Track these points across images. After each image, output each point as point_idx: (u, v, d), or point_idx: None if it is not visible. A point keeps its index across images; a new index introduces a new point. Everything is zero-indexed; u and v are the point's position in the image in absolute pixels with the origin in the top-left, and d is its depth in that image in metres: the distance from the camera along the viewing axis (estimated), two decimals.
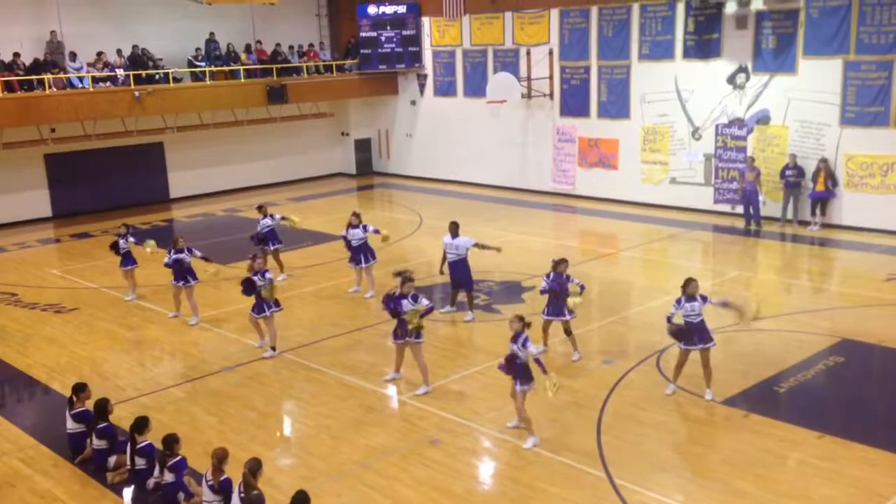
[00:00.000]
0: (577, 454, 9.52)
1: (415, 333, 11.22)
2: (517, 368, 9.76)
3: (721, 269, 17.10)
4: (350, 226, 15.41)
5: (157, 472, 8.92)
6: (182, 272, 14.47)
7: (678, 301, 10.72)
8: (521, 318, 9.82)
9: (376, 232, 15.49)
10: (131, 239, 15.83)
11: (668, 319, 10.81)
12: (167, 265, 14.53)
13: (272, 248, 16.61)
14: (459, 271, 14.09)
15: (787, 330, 13.19)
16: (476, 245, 14.14)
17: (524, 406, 9.83)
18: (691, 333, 10.63)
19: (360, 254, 15.51)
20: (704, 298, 10.69)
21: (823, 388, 11.31)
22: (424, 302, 11.30)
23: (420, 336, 11.29)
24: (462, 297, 14.43)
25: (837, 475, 8.92)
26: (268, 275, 12.80)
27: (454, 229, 14.07)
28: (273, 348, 12.95)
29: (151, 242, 15.46)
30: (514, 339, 9.76)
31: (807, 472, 9.04)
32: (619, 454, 9.51)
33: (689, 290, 10.64)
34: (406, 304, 11.15)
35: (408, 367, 11.92)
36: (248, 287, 12.68)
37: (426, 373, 11.43)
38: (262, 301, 12.73)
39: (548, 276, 12.09)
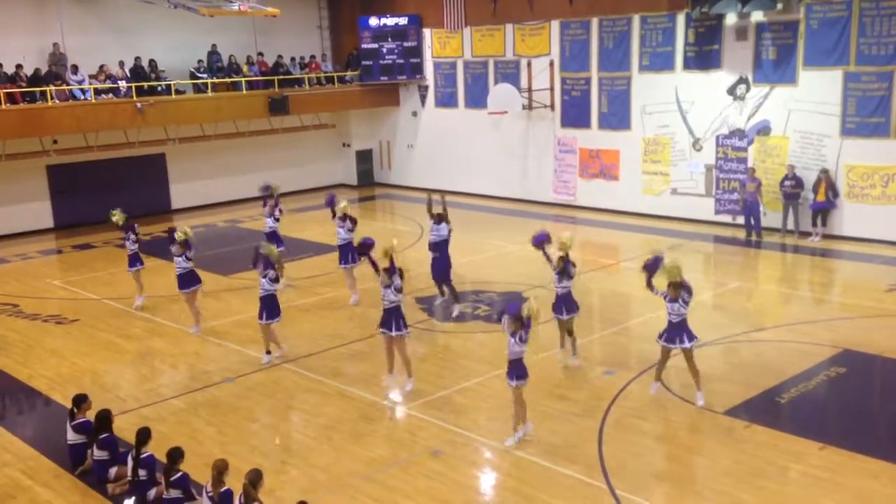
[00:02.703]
0: (579, 465, 9.50)
1: (396, 326, 11.33)
2: (513, 365, 9.84)
3: (722, 279, 17.10)
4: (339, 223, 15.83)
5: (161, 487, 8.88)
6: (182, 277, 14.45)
7: (664, 296, 10.80)
8: (517, 317, 9.78)
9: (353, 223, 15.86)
10: (132, 237, 15.78)
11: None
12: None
13: None
14: (437, 264, 14.63)
15: (788, 340, 13.18)
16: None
17: (520, 401, 9.90)
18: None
19: (342, 255, 15.80)
20: (686, 302, 10.71)
21: (825, 399, 11.30)
22: (397, 282, 11.36)
23: (401, 329, 11.40)
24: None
25: (839, 486, 8.90)
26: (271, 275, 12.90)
27: (439, 219, 14.68)
28: (268, 352, 13.07)
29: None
30: (513, 335, 9.75)
31: (809, 483, 9.02)
32: (620, 465, 9.49)
33: (671, 292, 10.71)
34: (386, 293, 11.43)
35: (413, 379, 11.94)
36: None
37: (409, 366, 11.57)
38: (265, 307, 12.83)
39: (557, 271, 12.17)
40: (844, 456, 9.49)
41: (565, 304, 12.12)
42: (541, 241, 12.24)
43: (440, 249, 14.81)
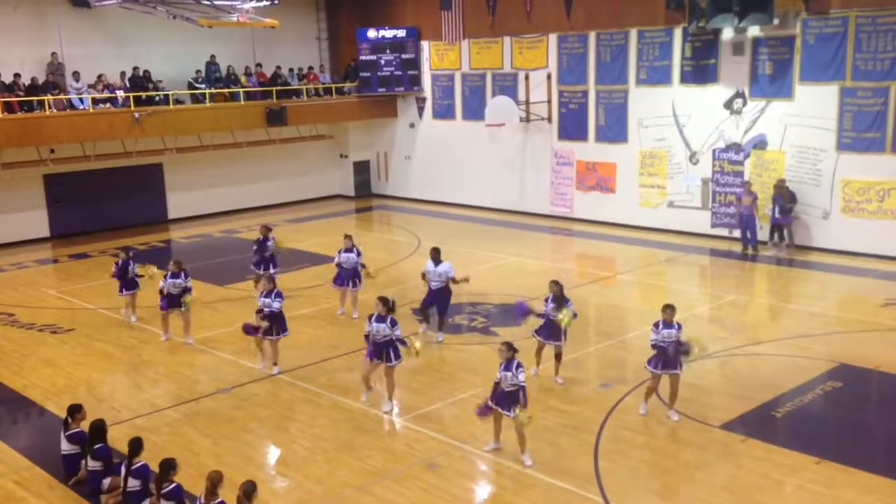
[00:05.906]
0: (575, 479, 9.48)
1: (387, 356, 11.28)
2: (505, 395, 9.78)
3: (718, 293, 17.11)
4: (344, 249, 15.46)
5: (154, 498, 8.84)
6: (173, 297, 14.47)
7: (656, 325, 10.81)
8: (510, 346, 9.86)
9: (363, 266, 15.48)
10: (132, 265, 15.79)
11: (677, 346, 10.68)
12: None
13: (270, 271, 16.52)
14: (439, 298, 14.06)
15: (784, 354, 13.19)
16: (452, 280, 13.95)
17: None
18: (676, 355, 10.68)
19: (349, 278, 15.51)
20: (679, 326, 10.75)
21: (821, 413, 11.30)
22: (397, 332, 11.34)
23: (394, 360, 11.36)
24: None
25: (835, 501, 8.89)
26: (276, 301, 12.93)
27: (436, 256, 14.05)
28: (274, 364, 13.09)
29: (152, 268, 15.31)
30: (507, 367, 9.77)
31: (805, 497, 9.00)
32: (616, 479, 9.46)
33: (665, 316, 10.75)
34: (381, 327, 11.32)
35: (401, 388, 11.92)
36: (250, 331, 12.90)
37: (392, 390, 11.55)
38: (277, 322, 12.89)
39: (547, 299, 12.14)
40: (840, 470, 9.48)
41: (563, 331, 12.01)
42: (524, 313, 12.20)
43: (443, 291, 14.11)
